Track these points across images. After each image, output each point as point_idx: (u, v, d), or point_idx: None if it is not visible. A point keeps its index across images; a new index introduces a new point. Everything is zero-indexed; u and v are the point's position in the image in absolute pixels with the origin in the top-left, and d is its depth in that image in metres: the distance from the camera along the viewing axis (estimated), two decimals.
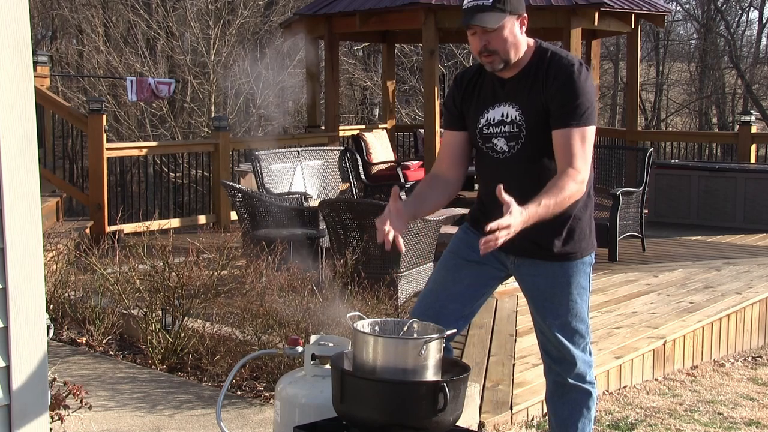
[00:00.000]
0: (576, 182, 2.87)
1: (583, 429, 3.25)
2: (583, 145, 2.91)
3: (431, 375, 2.43)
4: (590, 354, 3.23)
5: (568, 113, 2.91)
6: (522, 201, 2.78)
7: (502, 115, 3.03)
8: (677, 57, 27.17)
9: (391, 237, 2.82)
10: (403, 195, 3.06)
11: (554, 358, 3.19)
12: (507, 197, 2.64)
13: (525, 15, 2.99)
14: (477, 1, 2.91)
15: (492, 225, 2.59)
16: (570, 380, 3.18)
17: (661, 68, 25.34)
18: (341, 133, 10.88)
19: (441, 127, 3.32)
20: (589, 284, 3.18)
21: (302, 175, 7.73)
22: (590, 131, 2.93)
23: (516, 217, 2.64)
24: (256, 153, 7.48)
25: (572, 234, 3.09)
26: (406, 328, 2.57)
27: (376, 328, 2.57)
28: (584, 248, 3.13)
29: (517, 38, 2.96)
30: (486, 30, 2.91)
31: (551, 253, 3.08)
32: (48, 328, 2.83)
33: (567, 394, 3.21)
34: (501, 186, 2.66)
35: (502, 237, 2.61)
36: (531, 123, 2.98)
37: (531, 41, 3.04)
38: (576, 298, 3.12)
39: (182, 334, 4.86)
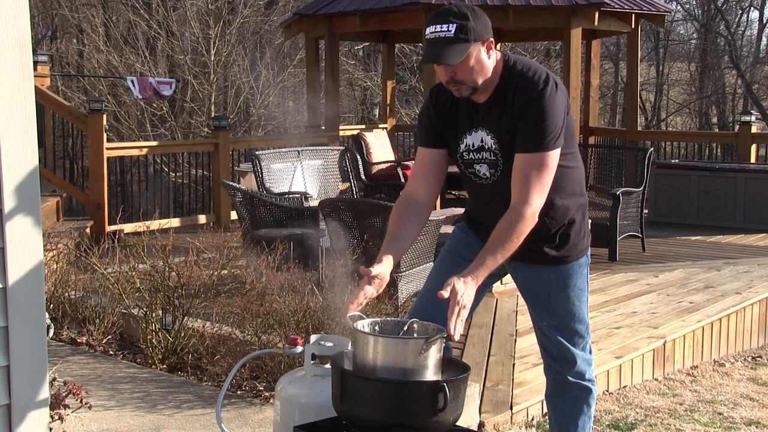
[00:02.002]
0: (525, 218, 2.79)
1: (583, 426, 3.24)
2: (541, 173, 2.82)
3: (431, 375, 2.43)
4: (590, 352, 3.22)
5: (531, 137, 2.83)
6: None
7: (481, 141, 2.96)
8: (677, 57, 27.17)
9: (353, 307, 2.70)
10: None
11: (554, 357, 3.19)
12: (441, 292, 2.58)
13: (491, 39, 2.87)
14: (439, 32, 2.78)
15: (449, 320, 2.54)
16: (570, 378, 3.18)
17: (661, 68, 25.34)
18: (341, 133, 10.88)
19: (417, 144, 3.21)
20: (587, 285, 3.17)
21: (302, 175, 7.73)
22: (552, 157, 2.84)
23: (460, 288, 2.59)
24: (256, 153, 7.48)
25: (566, 239, 3.08)
26: (406, 327, 2.57)
27: (376, 327, 2.57)
28: (579, 251, 3.12)
29: (484, 64, 2.85)
30: (451, 64, 2.81)
31: (546, 257, 3.07)
32: (48, 327, 2.84)
33: (567, 391, 3.21)
34: (440, 293, 2.59)
35: (463, 314, 2.57)
36: (506, 150, 2.91)
37: (499, 56, 2.93)
38: (574, 300, 3.12)
39: (182, 334, 4.86)
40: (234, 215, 8.62)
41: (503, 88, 2.90)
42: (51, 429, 3.13)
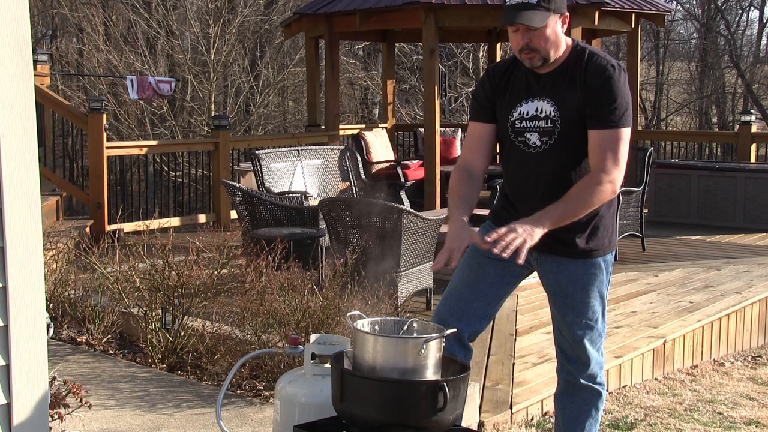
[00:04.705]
0: (601, 184, 2.91)
1: (590, 429, 3.24)
2: (617, 146, 2.93)
3: (431, 374, 2.43)
4: (602, 354, 3.23)
5: (606, 114, 2.92)
6: (548, 196, 2.95)
7: (536, 110, 3.02)
8: (677, 56, 27.16)
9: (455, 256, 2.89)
10: (403, 194, 3.09)
11: (568, 357, 3.19)
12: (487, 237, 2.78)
13: (567, 14, 3.00)
14: None
15: (496, 235, 2.73)
16: (582, 380, 3.19)
17: (661, 68, 25.32)
18: (341, 132, 10.88)
19: (470, 119, 3.30)
20: (609, 283, 3.19)
21: (302, 174, 7.73)
22: (626, 133, 2.95)
23: (525, 224, 2.76)
24: (256, 152, 7.49)
25: (596, 231, 3.09)
26: (405, 327, 2.58)
27: (376, 327, 2.57)
28: (606, 246, 3.13)
29: (558, 37, 2.97)
30: (530, 28, 2.91)
31: (575, 250, 3.08)
32: (48, 326, 2.84)
33: (577, 393, 3.22)
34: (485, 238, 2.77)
35: (515, 242, 2.71)
36: (566, 120, 2.98)
37: (569, 40, 3.05)
38: (597, 296, 3.12)
39: (182, 333, 4.86)
40: (234, 214, 8.62)
41: (571, 64, 3.00)
42: (51, 428, 3.13)
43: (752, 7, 26.89)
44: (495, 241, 2.72)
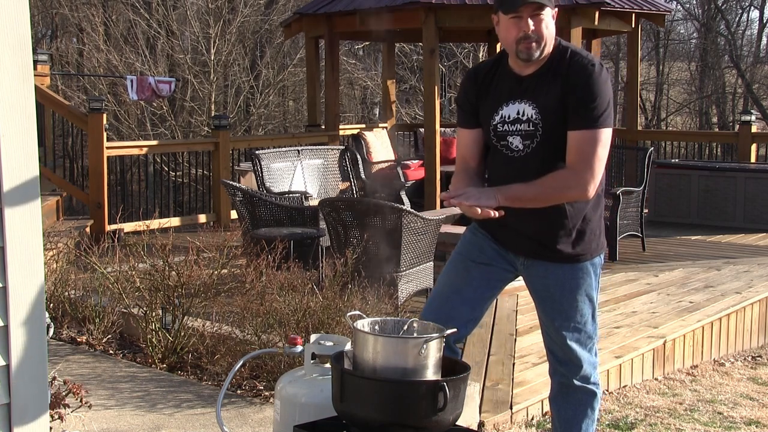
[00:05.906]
0: (568, 181, 2.90)
1: (586, 430, 3.23)
2: (594, 148, 2.90)
3: (431, 374, 2.43)
4: (595, 355, 3.21)
5: (585, 115, 2.90)
6: None
7: (518, 113, 3.00)
8: (677, 56, 27.15)
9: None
10: (403, 194, 3.10)
11: (560, 360, 3.17)
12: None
13: (556, 9, 3.02)
14: None
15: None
16: (575, 382, 3.16)
17: (661, 68, 25.32)
18: (341, 132, 10.87)
19: (457, 125, 3.29)
20: (598, 285, 3.16)
21: (302, 174, 7.73)
22: (605, 134, 2.92)
23: (485, 190, 2.87)
24: (257, 152, 7.49)
25: (582, 235, 3.07)
26: (406, 327, 2.58)
27: (376, 327, 2.57)
28: (594, 249, 3.11)
29: (552, 31, 2.97)
30: (536, 13, 2.91)
31: (561, 255, 3.06)
32: (48, 326, 2.84)
33: (572, 395, 3.20)
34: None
35: (470, 199, 2.82)
36: (547, 122, 2.96)
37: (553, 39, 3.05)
38: (586, 299, 3.10)
39: (182, 333, 4.86)
40: (234, 214, 8.63)
41: (554, 63, 2.98)
42: (51, 428, 3.13)
43: (752, 7, 26.91)
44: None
